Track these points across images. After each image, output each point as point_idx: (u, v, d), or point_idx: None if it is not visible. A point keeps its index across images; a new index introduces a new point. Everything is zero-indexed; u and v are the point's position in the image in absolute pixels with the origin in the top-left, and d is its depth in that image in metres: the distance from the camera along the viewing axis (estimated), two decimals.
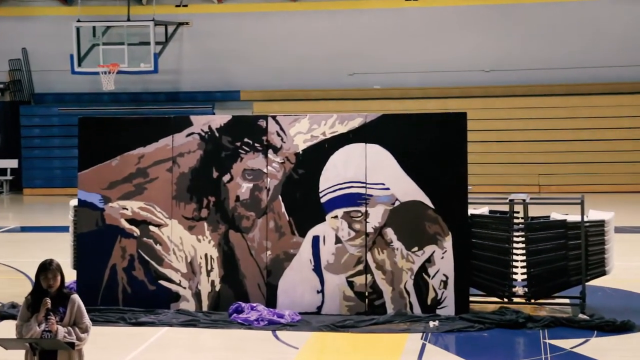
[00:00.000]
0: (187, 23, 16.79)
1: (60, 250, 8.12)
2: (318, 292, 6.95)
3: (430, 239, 6.83)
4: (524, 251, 6.94)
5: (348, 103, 16.06)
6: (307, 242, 6.98)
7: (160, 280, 7.12)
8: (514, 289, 6.98)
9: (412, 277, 6.84)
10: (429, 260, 6.82)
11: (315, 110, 13.90)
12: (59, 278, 4.21)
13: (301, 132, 7.07)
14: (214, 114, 16.29)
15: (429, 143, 6.94)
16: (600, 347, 5.99)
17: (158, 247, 7.14)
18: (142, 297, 7.08)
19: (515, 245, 6.97)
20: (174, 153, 7.18)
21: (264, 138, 7.09)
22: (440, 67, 16.32)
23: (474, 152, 14.11)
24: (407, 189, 6.89)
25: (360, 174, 6.96)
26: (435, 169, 6.89)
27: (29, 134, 17.10)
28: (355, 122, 7.03)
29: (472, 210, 7.08)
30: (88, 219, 7.23)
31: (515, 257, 6.96)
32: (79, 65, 15.26)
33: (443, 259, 6.80)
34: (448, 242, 6.79)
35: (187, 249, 7.11)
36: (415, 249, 6.85)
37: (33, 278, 4.39)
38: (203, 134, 7.16)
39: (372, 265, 6.89)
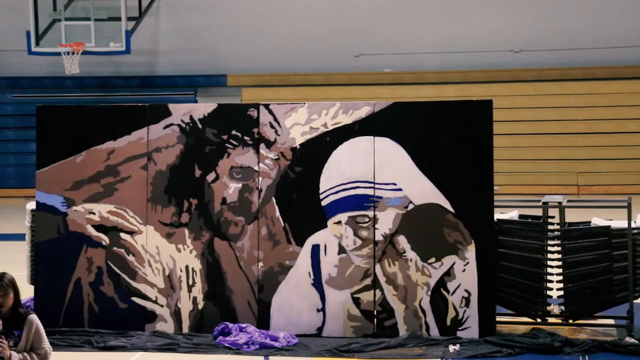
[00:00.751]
0: None
1: (15, 261, 8.18)
2: (318, 310, 6.96)
3: (449, 249, 6.83)
4: (560, 263, 6.93)
5: (354, 89, 16.04)
6: (305, 252, 6.98)
7: (133, 296, 7.13)
8: (548, 308, 6.99)
9: (429, 293, 6.84)
10: (449, 274, 6.83)
11: (315, 98, 13.87)
12: (12, 295, 4.21)
13: (298, 123, 7.07)
14: (196, 102, 16.32)
15: (448, 136, 6.93)
16: None
17: (131, 258, 7.16)
18: (111, 317, 7.09)
19: (550, 255, 6.96)
20: (150, 148, 7.19)
21: (255, 130, 7.10)
22: (462, 47, 16.26)
23: (501, 147, 14.09)
24: (423, 190, 6.89)
25: (367, 173, 6.97)
26: (456, 167, 6.89)
27: None
28: (362, 112, 7.04)
29: (498, 215, 7.09)
30: (48, 225, 7.22)
31: (550, 270, 6.95)
32: (37, 44, 15.19)
33: (465, 272, 6.81)
34: (471, 252, 6.80)
35: (164, 260, 7.13)
36: (432, 260, 6.86)
37: None
38: (183, 125, 7.18)
39: (382, 279, 6.91)
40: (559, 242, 6.95)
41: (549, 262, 6.95)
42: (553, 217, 7.12)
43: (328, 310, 6.93)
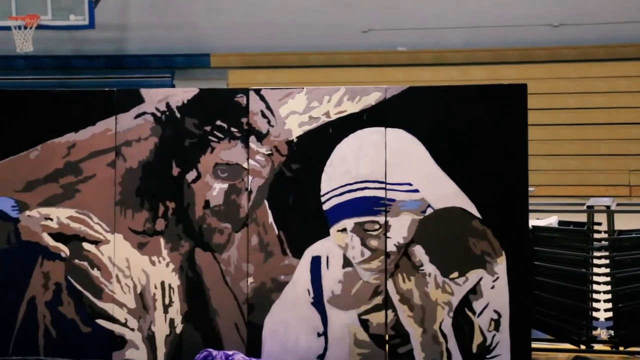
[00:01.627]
0: None
1: None
2: (319, 334, 6.99)
3: (475, 262, 6.84)
4: (608, 279, 6.96)
5: (361, 71, 15.97)
6: (303, 266, 7.00)
7: (99, 319, 7.15)
8: (594, 332, 7.06)
9: (451, 314, 6.86)
10: (474, 291, 6.85)
11: (316, 82, 13.81)
12: None
13: (296, 112, 7.10)
14: (173, 86, 16.24)
15: (474, 127, 6.95)
16: None
17: (95, 272, 7.18)
18: (72, 343, 7.11)
19: (596, 270, 7.00)
20: (118, 141, 7.23)
21: (244, 120, 7.14)
22: (490, 21, 16.17)
23: (538, 140, 14.00)
24: (444, 192, 6.90)
25: (377, 171, 7.00)
26: (483, 164, 6.91)
27: None
28: (371, 98, 7.06)
29: (534, 221, 7.17)
30: None
31: (596, 287, 6.99)
32: None
33: (494, 290, 6.82)
34: (501, 265, 6.82)
35: (136, 275, 7.16)
36: (455, 275, 6.89)
37: None
38: (159, 114, 7.21)
39: (395, 298, 6.93)
40: (607, 253, 6.98)
41: (595, 278, 6.99)
42: (600, 224, 7.14)
43: (331, 335, 6.95)
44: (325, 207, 7.00)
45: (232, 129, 7.10)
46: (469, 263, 6.83)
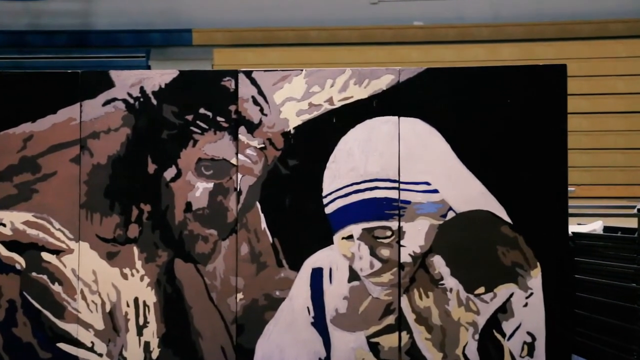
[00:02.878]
0: None
1: None
2: None
3: (505, 275, 6.88)
4: None
5: (370, 50, 15.94)
6: (302, 279, 7.04)
7: (60, 342, 7.17)
8: None
9: (476, 336, 6.91)
10: (504, 309, 6.88)
11: (317, 63, 13.76)
12: None
13: (293, 98, 7.12)
14: (149, 67, 16.25)
15: (503, 116, 6.97)
16: None
17: (56, 287, 7.20)
18: None
19: None
20: (84, 132, 7.23)
21: (232, 108, 7.16)
22: None
23: (579, 131, 13.88)
24: (468, 192, 6.95)
25: (389, 167, 7.03)
26: (514, 159, 6.94)
27: None
28: (382, 82, 7.09)
29: (574, 227, 7.22)
30: None
31: None
32: None
33: (527, 308, 6.85)
34: (535, 279, 6.85)
35: (104, 290, 7.17)
36: (481, 290, 6.92)
37: None
38: (131, 101, 7.24)
39: (410, 318, 6.97)
40: None
41: None
42: None
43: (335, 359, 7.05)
44: (328, 210, 7.02)
45: (218, 119, 7.13)
46: (498, 276, 6.86)
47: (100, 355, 7.14)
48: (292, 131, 7.10)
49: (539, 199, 6.87)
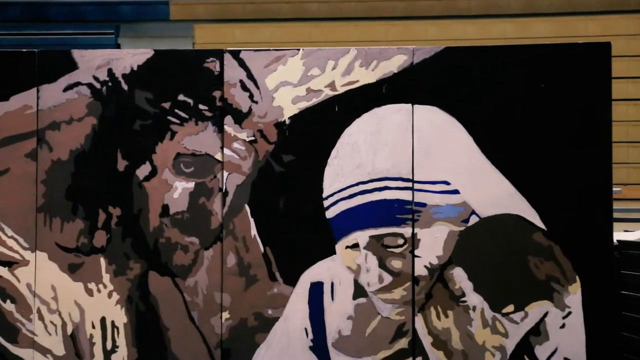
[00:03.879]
0: None
1: None
2: None
3: (538, 290, 6.87)
4: None
5: (379, 26, 15.96)
6: (299, 296, 7.03)
7: None
8: None
9: None
10: (537, 331, 6.86)
11: (316, 41, 13.79)
12: None
13: (288, 82, 7.11)
14: (118, 46, 16.27)
15: (536, 103, 6.97)
16: None
17: (8, 305, 7.17)
18: None
19: None
20: (41, 123, 7.22)
21: (217, 94, 7.14)
22: None
23: (626, 122, 13.83)
24: (494, 193, 6.94)
25: (401, 164, 7.01)
26: (549, 154, 6.94)
27: None
28: (393, 64, 7.07)
29: (620, 235, 7.23)
30: None
31: None
32: None
33: (565, 330, 6.83)
34: (574, 295, 6.84)
35: (66, 309, 7.14)
36: (510, 309, 6.89)
37: None
38: (98, 85, 7.20)
39: (426, 341, 6.95)
40: None
41: None
42: None
43: None
44: (330, 214, 7.02)
45: (200, 107, 7.13)
46: (530, 292, 6.85)
47: None
48: (287, 121, 7.09)
49: (578, 200, 6.88)
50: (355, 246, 6.97)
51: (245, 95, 7.08)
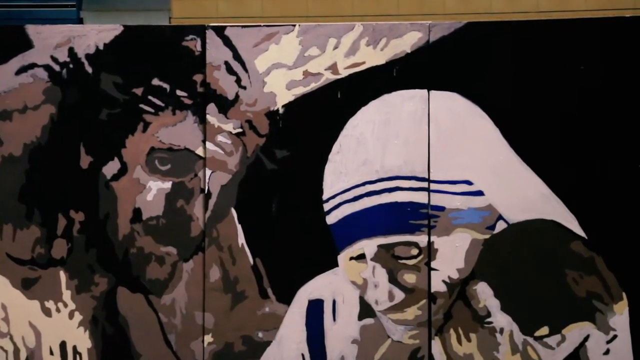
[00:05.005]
0: None
1: None
2: None
3: (577, 310, 6.81)
4: None
5: None
6: (295, 315, 6.97)
7: None
8: None
9: None
10: (577, 358, 6.83)
11: (315, 16, 13.85)
12: None
13: (282, 64, 7.03)
14: (81, 21, 16.21)
15: (576, 88, 6.88)
16: None
17: None
18: None
19: None
20: None
21: (198, 78, 7.05)
22: None
23: None
24: (524, 194, 6.87)
25: (415, 161, 6.94)
26: (590, 149, 6.86)
27: None
28: (406, 42, 7.00)
29: None
30: None
31: None
32: None
33: (610, 356, 6.81)
34: (620, 315, 6.78)
35: (19, 331, 7.09)
36: (544, 331, 6.81)
37: None
38: (57, 68, 7.11)
39: None
40: None
41: None
42: None
43: None
44: (331, 219, 6.97)
45: (179, 93, 7.07)
46: (567, 312, 6.82)
47: None
48: (281, 110, 7.04)
49: (624, 204, 6.83)
50: (361, 257, 6.92)
51: (232, 80, 7.03)
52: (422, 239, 6.85)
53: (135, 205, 7.01)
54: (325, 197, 6.93)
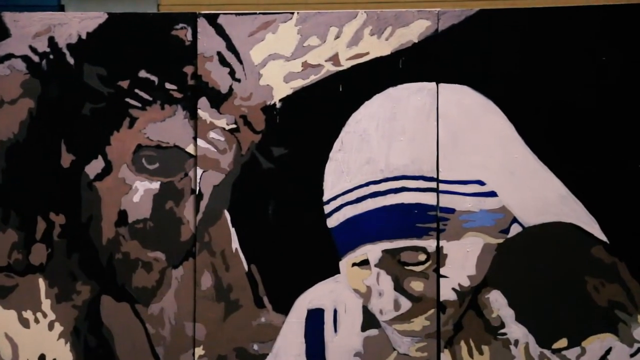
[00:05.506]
0: None
1: None
2: None
3: (599, 320, 6.75)
4: None
5: None
6: (293, 326, 6.92)
7: None
8: None
9: None
10: None
11: (315, 3, 13.82)
12: None
13: (280, 55, 6.99)
14: (62, 8, 16.16)
15: (597, 80, 6.81)
16: None
17: None
18: None
19: None
20: None
21: (189, 70, 7.03)
22: None
23: None
24: (541, 195, 6.81)
25: (423, 159, 6.89)
26: (612, 147, 6.78)
27: None
28: (413, 31, 6.95)
29: None
30: None
31: None
32: None
33: None
34: None
35: None
36: (563, 343, 6.76)
37: None
38: (36, 58, 7.11)
39: None
40: None
41: None
42: None
43: None
44: (332, 222, 6.92)
45: (168, 86, 7.03)
46: (588, 323, 6.76)
47: None
48: (278, 105, 7.00)
49: None
50: (364, 263, 6.87)
51: (225, 72, 7.00)
52: (430, 244, 6.81)
53: (120, 207, 6.97)
54: (325, 198, 6.89)
